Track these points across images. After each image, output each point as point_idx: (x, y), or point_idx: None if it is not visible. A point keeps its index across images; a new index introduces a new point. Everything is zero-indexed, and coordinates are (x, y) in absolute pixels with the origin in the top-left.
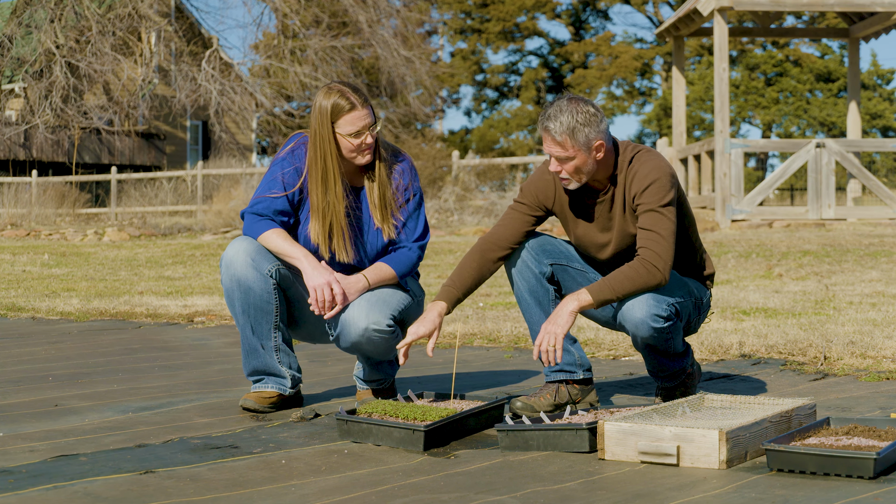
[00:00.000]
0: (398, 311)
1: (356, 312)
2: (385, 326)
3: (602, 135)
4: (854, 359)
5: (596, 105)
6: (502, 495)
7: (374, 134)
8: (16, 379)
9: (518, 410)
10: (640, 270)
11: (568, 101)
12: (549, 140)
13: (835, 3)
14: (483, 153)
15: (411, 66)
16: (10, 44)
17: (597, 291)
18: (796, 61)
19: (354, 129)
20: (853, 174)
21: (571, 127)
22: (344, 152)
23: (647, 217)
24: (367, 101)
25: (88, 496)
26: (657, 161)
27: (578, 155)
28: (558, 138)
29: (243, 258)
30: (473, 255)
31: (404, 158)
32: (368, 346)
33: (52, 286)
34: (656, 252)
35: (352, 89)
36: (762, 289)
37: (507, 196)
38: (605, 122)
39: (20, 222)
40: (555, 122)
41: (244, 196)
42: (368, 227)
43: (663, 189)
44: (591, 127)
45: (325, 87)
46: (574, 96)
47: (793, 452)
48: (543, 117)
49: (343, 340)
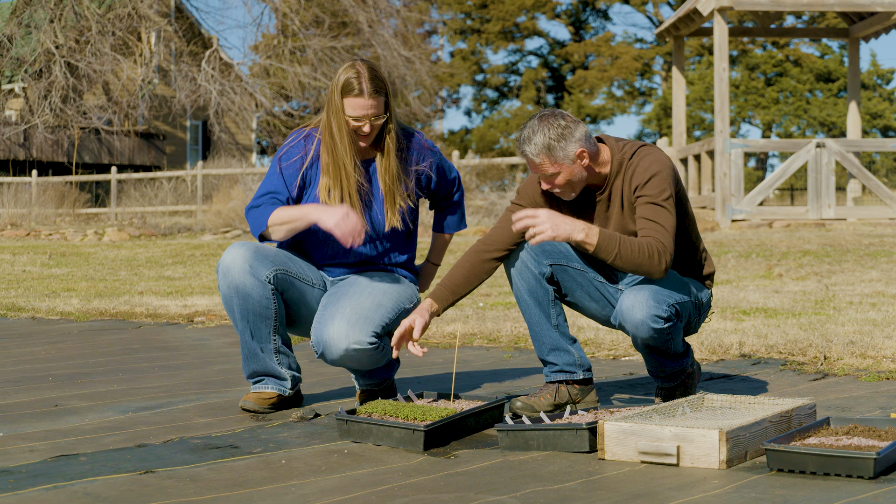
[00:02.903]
0: (381, 325)
1: (336, 332)
2: (367, 345)
3: (580, 143)
4: (854, 359)
5: (568, 115)
6: (502, 495)
7: (376, 125)
8: (16, 379)
9: (518, 410)
10: (646, 251)
11: (539, 121)
12: (529, 163)
13: (835, 3)
14: (483, 153)
15: (411, 66)
16: (10, 44)
17: (604, 238)
18: (796, 61)
19: (354, 114)
20: (853, 174)
21: (546, 145)
22: (341, 128)
23: (648, 208)
24: (381, 91)
25: (88, 496)
26: (658, 155)
27: (563, 169)
28: (536, 160)
29: (241, 265)
30: (468, 256)
31: (417, 135)
32: (353, 363)
33: (52, 286)
34: (661, 240)
35: (370, 76)
36: (762, 289)
37: (506, 196)
38: (580, 129)
39: (20, 222)
40: (529, 144)
41: (244, 196)
42: (377, 203)
43: (664, 182)
44: (566, 140)
45: (353, 61)
46: (545, 112)
47: (793, 452)
48: (519, 142)
49: (326, 358)
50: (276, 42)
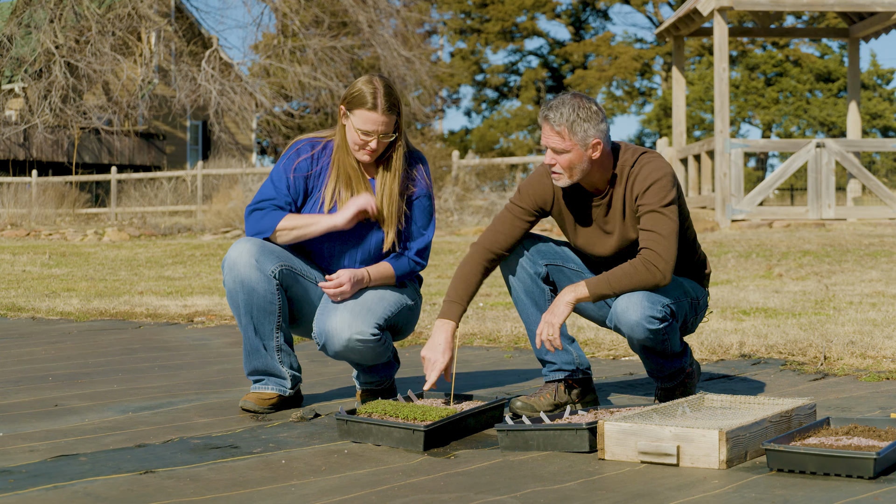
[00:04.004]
0: (384, 318)
1: (339, 322)
2: (369, 336)
3: (601, 134)
4: (854, 359)
5: (599, 105)
6: (502, 495)
7: (384, 143)
8: (16, 379)
9: (518, 410)
10: (640, 268)
11: (571, 97)
12: (547, 129)
13: (835, 3)
14: (483, 153)
15: (411, 66)
16: (10, 44)
17: (594, 286)
18: (796, 61)
19: (364, 128)
20: (853, 174)
21: (571, 120)
22: (349, 140)
23: (649, 218)
24: (394, 109)
25: (88, 496)
26: (658, 162)
27: (574, 150)
28: (556, 128)
29: (247, 259)
30: (472, 265)
31: (422, 166)
32: (354, 356)
33: (52, 286)
34: (657, 252)
35: (385, 92)
36: (762, 289)
37: (506, 196)
38: (605, 123)
39: (20, 222)
40: (556, 112)
41: (243, 196)
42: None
43: (664, 189)
44: (590, 123)
45: (370, 75)
46: (578, 93)
47: (793, 452)
48: (545, 107)
49: (328, 350)
50: (276, 42)
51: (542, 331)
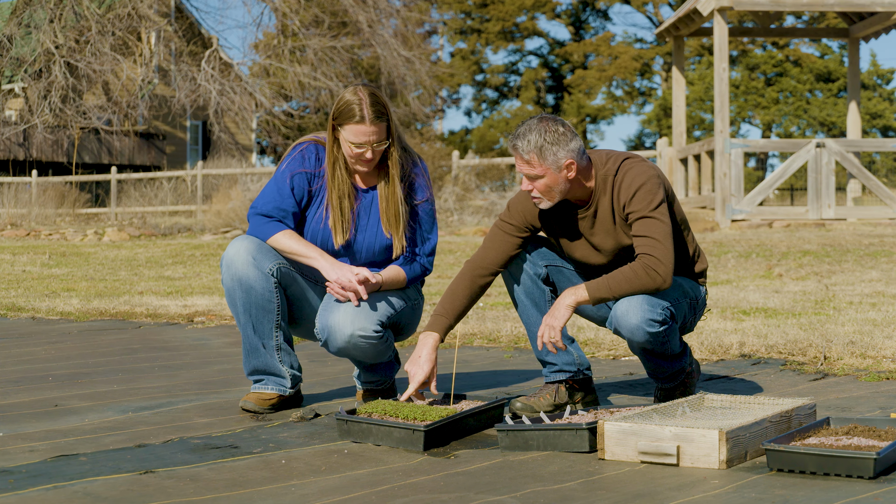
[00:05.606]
0: (386, 316)
1: (342, 318)
2: (372, 332)
3: (572, 154)
4: (854, 359)
5: (567, 124)
6: (502, 495)
7: (379, 150)
8: (16, 379)
9: (518, 410)
10: (640, 273)
11: (538, 121)
12: (517, 158)
13: (835, 3)
14: (483, 153)
15: (411, 66)
16: (10, 44)
17: (594, 289)
18: (796, 61)
19: (356, 140)
20: (853, 174)
21: (539, 145)
22: (345, 153)
23: (641, 224)
24: (382, 117)
25: (88, 496)
26: (641, 166)
27: (548, 174)
28: (525, 156)
29: (244, 257)
30: (463, 281)
31: (421, 168)
32: (356, 352)
33: (52, 286)
34: (656, 257)
35: (371, 101)
36: (762, 289)
37: (506, 196)
38: (576, 141)
39: (20, 222)
40: (523, 140)
41: (243, 196)
42: (365, 227)
43: (650, 193)
44: (559, 146)
45: (354, 86)
46: (545, 116)
47: (793, 452)
48: (513, 136)
49: (331, 346)
50: (275, 42)
51: (544, 333)
